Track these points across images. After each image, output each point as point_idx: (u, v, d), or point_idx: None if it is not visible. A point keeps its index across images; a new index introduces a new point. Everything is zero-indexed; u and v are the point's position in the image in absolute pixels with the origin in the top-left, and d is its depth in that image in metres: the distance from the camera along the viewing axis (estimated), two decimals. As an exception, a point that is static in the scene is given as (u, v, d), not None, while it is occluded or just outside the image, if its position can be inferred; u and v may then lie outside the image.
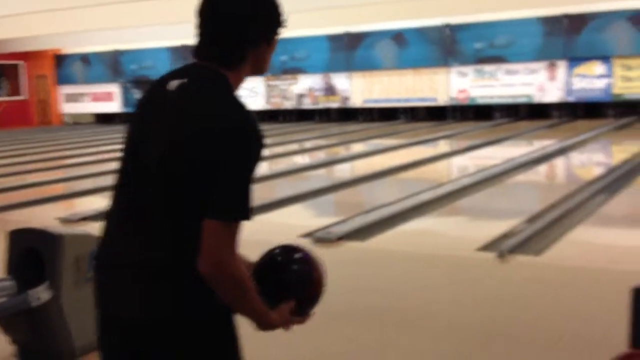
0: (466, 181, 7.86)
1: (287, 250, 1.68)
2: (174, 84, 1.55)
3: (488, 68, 15.86)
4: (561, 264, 4.42)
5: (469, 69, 16.09)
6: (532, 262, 4.51)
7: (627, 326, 1.89)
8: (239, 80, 1.59)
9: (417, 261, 4.72)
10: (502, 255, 4.53)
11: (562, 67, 15.11)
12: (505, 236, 5.15)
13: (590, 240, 5.20)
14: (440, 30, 16.17)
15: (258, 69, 1.63)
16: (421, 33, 16.38)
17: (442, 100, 16.56)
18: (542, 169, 9.27)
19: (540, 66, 15.32)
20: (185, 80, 1.55)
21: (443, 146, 12.40)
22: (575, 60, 14.94)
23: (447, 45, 16.17)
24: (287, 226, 5.97)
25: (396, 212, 6.18)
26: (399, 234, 5.59)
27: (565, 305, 3.67)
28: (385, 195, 7.33)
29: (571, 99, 15.14)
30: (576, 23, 14.69)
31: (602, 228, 5.64)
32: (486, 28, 15.64)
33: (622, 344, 1.92)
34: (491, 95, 15.98)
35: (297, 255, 1.67)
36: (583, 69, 14.87)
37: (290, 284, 1.62)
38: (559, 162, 9.90)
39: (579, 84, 14.91)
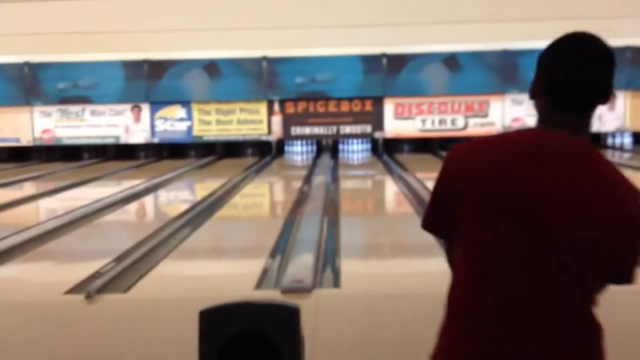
0: (54, 223, 7.69)
1: None
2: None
3: (74, 108, 15.70)
4: (145, 298, 4.68)
5: (53, 109, 15.72)
6: (118, 299, 4.68)
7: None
8: None
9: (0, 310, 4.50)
10: (89, 296, 4.60)
11: (145, 109, 15.75)
12: (93, 277, 5.23)
13: (173, 273, 5.58)
14: (20, 68, 15.50)
15: None
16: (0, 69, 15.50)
17: (25, 140, 15.83)
18: (131, 207, 9.55)
19: (125, 108, 15.73)
20: None
21: (28, 188, 11.87)
22: (157, 103, 15.71)
23: (28, 84, 15.55)
24: None
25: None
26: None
27: (145, 337, 3.92)
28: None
29: (156, 140, 15.86)
30: (156, 69, 15.51)
31: (185, 260, 6.10)
32: (70, 68, 15.50)
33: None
34: (78, 136, 15.83)
35: None
36: (165, 112, 15.72)
37: None
38: (147, 201, 10.31)
39: (162, 126, 15.72)
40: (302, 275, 4.90)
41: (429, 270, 5.41)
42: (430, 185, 4.15)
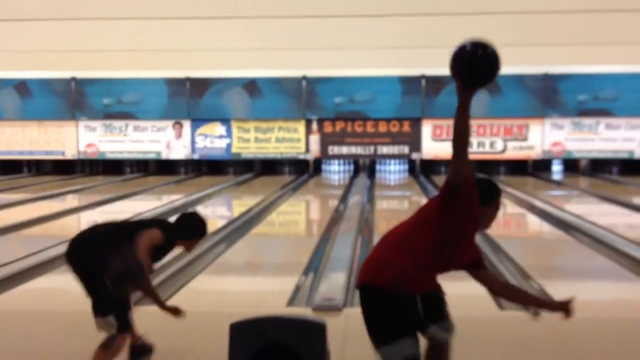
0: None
1: None
2: None
3: (117, 124, 16.10)
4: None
5: (98, 124, 16.13)
6: (155, 311, 4.79)
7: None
8: None
9: (37, 320, 4.67)
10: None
11: (186, 126, 16.06)
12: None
13: (208, 288, 5.71)
14: (67, 83, 15.98)
15: None
16: (47, 84, 15.99)
17: (70, 154, 16.27)
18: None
19: (167, 124, 16.07)
20: None
21: (71, 201, 12.19)
22: (198, 120, 16.01)
23: (74, 99, 16.00)
24: None
25: (20, 270, 5.98)
26: (24, 292, 5.44)
27: (179, 349, 4.04)
28: (8, 254, 6.99)
29: (196, 156, 16.14)
30: (198, 87, 15.82)
31: (220, 276, 6.23)
32: (115, 84, 15.92)
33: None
34: (121, 150, 16.21)
35: None
36: (206, 129, 16.01)
37: None
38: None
39: (202, 142, 16.00)
40: (333, 293, 4.97)
41: (458, 293, 5.42)
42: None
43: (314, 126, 15.86)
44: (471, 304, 5.13)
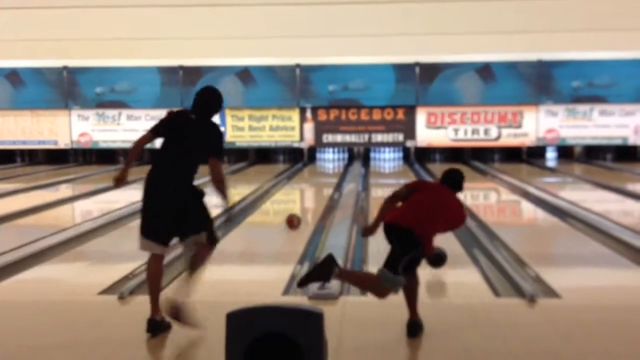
0: (90, 225, 7.88)
1: None
2: None
3: (110, 113, 16.02)
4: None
5: (91, 113, 16.05)
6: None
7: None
8: None
9: (31, 310, 4.64)
10: (122, 297, 4.72)
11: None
12: (127, 278, 5.37)
13: (204, 277, 5.67)
14: (59, 72, 15.87)
15: None
16: (39, 73, 15.90)
17: (63, 143, 16.19)
18: (164, 211, 9.70)
19: (160, 113, 15.98)
20: None
21: (65, 190, 12.14)
22: (192, 109, 15.94)
23: (66, 88, 15.90)
24: None
25: (13, 261, 5.95)
26: (17, 282, 5.42)
27: (176, 338, 4.03)
28: (1, 244, 6.96)
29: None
30: (191, 75, 15.74)
31: (215, 265, 6.19)
32: (108, 73, 15.82)
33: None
34: (114, 140, 16.14)
35: None
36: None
37: None
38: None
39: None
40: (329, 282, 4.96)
41: (456, 280, 5.44)
42: (462, 194, 4.19)
43: (308, 114, 15.82)
44: (467, 292, 5.14)
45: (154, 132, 4.21)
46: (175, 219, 4.08)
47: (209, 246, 4.17)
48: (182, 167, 4.12)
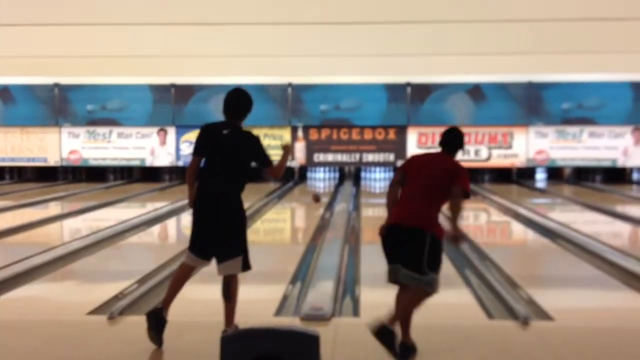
0: (78, 244, 7.81)
1: None
2: None
3: (101, 130, 15.97)
4: (169, 320, 4.72)
5: (81, 130, 16.00)
6: (141, 321, 4.73)
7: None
8: None
9: (19, 329, 4.58)
10: (112, 317, 4.67)
11: (171, 133, 15.96)
12: (116, 298, 5.31)
13: (195, 297, 5.63)
14: (50, 89, 15.84)
15: None
16: (30, 89, 15.86)
17: (53, 160, 16.11)
18: (155, 230, 9.66)
19: (152, 131, 15.94)
20: None
21: (54, 208, 12.06)
22: (182, 127, 15.92)
23: (57, 105, 15.85)
24: None
25: (1, 279, 5.88)
26: (5, 301, 5.35)
27: (168, 358, 3.98)
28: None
29: (181, 163, 16.05)
30: (183, 93, 15.73)
31: (207, 284, 6.14)
32: (99, 91, 15.79)
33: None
34: (105, 157, 16.08)
35: None
36: (191, 135, 15.91)
37: None
38: (170, 223, 10.42)
39: (187, 149, 15.90)
40: (321, 303, 4.93)
41: (448, 301, 5.41)
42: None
43: (300, 133, 15.83)
44: (459, 313, 5.12)
45: (195, 154, 4.28)
46: (217, 235, 4.14)
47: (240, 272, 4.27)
48: (223, 181, 4.16)
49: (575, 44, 13.36)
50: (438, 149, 4.22)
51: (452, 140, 4.18)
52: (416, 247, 3.92)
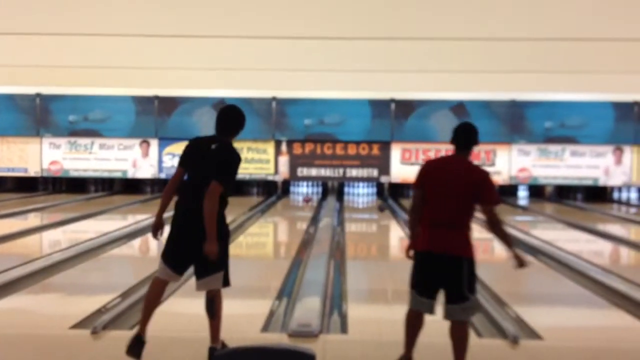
0: (59, 256, 7.68)
1: None
2: None
3: (83, 141, 15.81)
4: (153, 335, 4.63)
5: (63, 141, 15.83)
6: (125, 336, 4.64)
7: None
8: None
9: (4, 343, 4.47)
10: (95, 332, 4.57)
11: (154, 145, 15.84)
12: (99, 312, 5.21)
13: (178, 311, 5.55)
14: (32, 99, 15.67)
15: None
16: (11, 99, 15.68)
17: (33, 171, 15.92)
18: (136, 242, 9.54)
19: (134, 143, 15.83)
20: None
21: (33, 219, 11.88)
22: (165, 139, 15.81)
23: (38, 116, 15.69)
24: None
25: (-19, 292, 5.76)
26: (-16, 315, 5.23)
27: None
28: (-32, 274, 6.74)
29: (163, 175, 15.92)
30: (166, 105, 15.64)
31: (190, 299, 6.06)
32: (81, 101, 15.66)
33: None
34: (86, 169, 15.91)
35: None
36: (173, 148, 15.81)
37: None
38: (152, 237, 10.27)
39: (169, 162, 15.79)
40: (309, 319, 4.87)
41: (436, 318, 5.37)
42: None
43: (283, 147, 15.80)
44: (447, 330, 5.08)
45: (179, 165, 4.21)
46: (192, 250, 4.00)
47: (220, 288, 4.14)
48: (198, 195, 3.99)
49: (558, 64, 13.48)
50: (450, 148, 3.90)
51: (467, 136, 3.86)
52: (455, 276, 3.71)
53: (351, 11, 10.78)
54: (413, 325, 3.91)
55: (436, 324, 5.21)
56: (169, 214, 4.18)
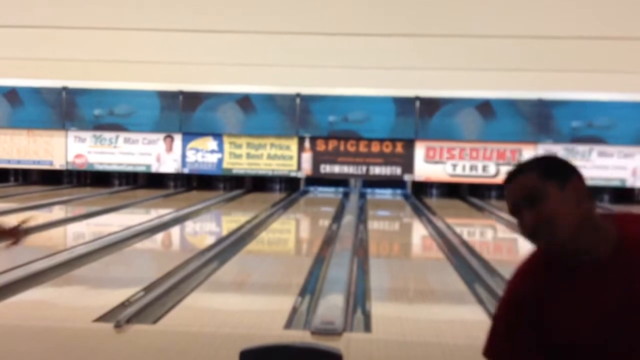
0: (82, 249, 7.72)
1: None
2: None
3: (108, 135, 15.90)
4: (176, 330, 4.63)
5: (88, 135, 15.93)
6: (148, 330, 4.63)
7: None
8: None
9: (25, 335, 4.48)
10: (119, 325, 4.57)
11: (178, 140, 15.89)
12: (123, 305, 5.21)
13: (202, 306, 5.54)
14: (58, 93, 15.79)
15: None
16: (37, 92, 15.81)
17: (58, 164, 16.05)
18: (159, 237, 9.57)
19: (158, 137, 15.88)
20: None
21: (58, 212, 11.97)
22: (189, 134, 15.84)
23: (64, 109, 15.81)
24: None
25: (5, 284, 5.78)
26: (8, 306, 5.24)
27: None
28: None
29: (186, 170, 15.96)
30: (191, 100, 15.68)
31: (213, 294, 6.06)
32: (107, 95, 15.74)
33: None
34: (110, 162, 16.00)
35: None
36: (197, 143, 15.85)
37: None
38: (175, 231, 10.33)
39: (193, 157, 15.82)
40: (332, 316, 4.82)
41: (461, 319, 5.31)
42: (459, 230, 4.08)
43: (307, 144, 15.75)
44: (472, 332, 5.00)
45: None
46: None
47: None
48: None
49: (587, 62, 13.28)
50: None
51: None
52: None
53: (377, 8, 10.69)
54: None
55: (461, 326, 5.14)
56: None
